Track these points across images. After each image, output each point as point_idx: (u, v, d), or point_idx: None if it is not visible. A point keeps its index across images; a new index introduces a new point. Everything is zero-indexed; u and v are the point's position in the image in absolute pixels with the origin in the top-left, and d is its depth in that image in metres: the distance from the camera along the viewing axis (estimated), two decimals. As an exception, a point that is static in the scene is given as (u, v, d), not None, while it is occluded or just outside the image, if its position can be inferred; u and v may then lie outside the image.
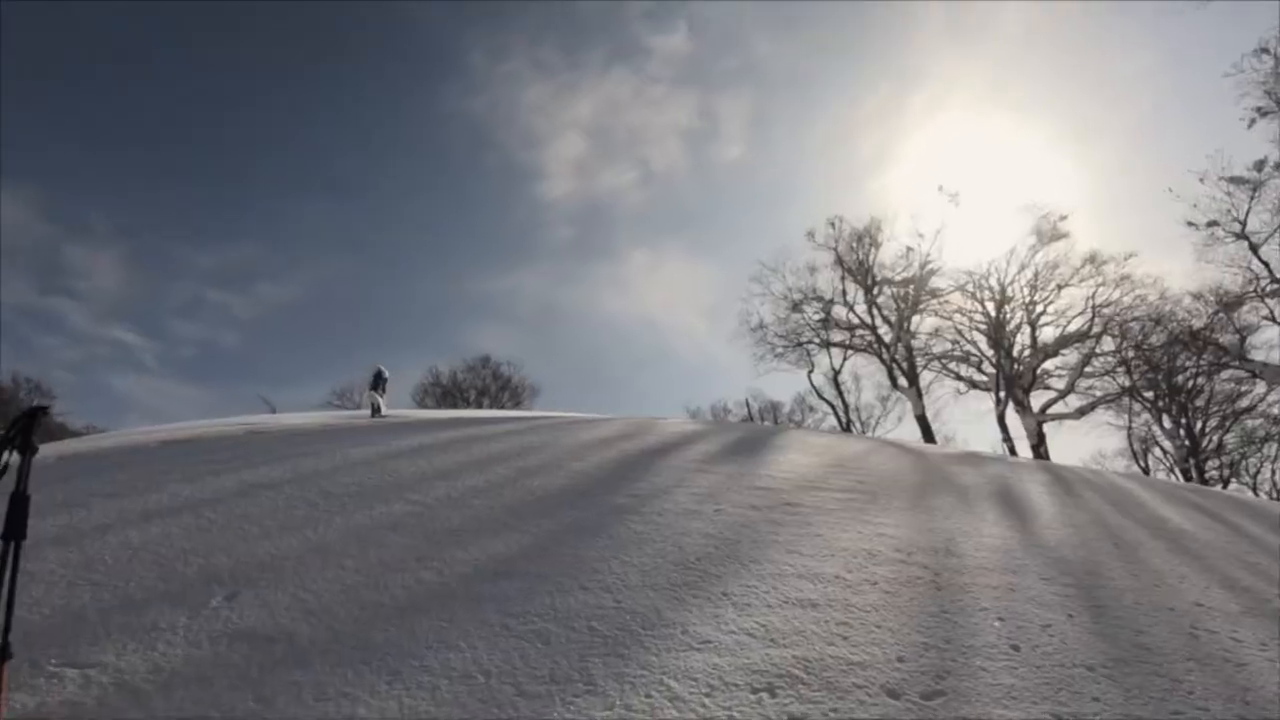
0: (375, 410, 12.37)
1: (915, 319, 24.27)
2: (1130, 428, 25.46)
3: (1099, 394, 21.38)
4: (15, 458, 1.95)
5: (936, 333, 24.48)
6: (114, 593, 2.59)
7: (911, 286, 23.62)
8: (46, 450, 3.80)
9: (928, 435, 22.55)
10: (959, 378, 24.70)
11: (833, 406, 27.93)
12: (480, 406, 31.52)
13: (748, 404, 30.46)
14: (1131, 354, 20.75)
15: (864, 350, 26.52)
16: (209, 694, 2.00)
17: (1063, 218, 21.66)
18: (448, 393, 35.27)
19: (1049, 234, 21.67)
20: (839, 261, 25.75)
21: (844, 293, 25.91)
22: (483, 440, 5.61)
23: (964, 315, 23.87)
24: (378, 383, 15.53)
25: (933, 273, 23.32)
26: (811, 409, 33.87)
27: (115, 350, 55.24)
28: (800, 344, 26.93)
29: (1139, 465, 26.14)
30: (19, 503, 1.96)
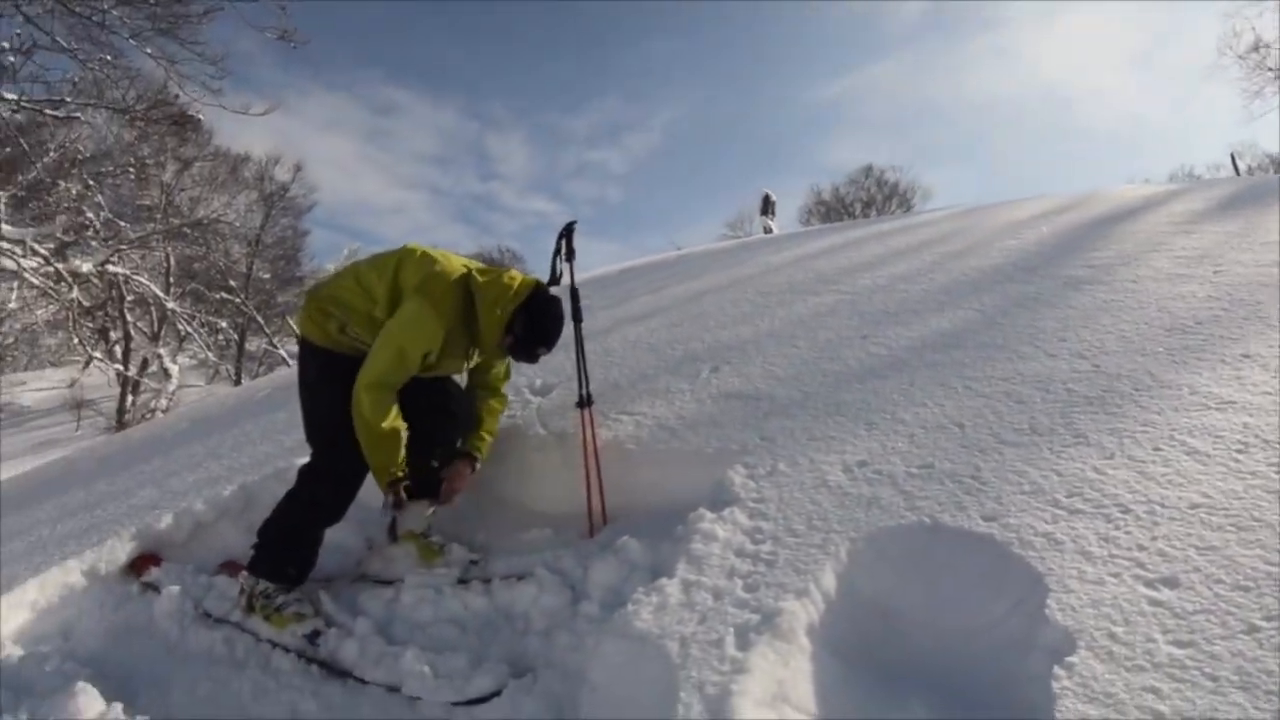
0: (767, 234, 12.92)
1: None
2: None
3: None
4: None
5: None
6: (631, 369, 3.37)
7: None
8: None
9: None
10: None
11: (1395, 142, 19.15)
12: (867, 218, 30.24)
13: (1233, 159, 22.44)
14: None
15: None
16: (723, 432, 2.53)
17: None
18: (831, 209, 34.55)
19: None
20: None
21: None
22: (895, 234, 5.43)
23: None
24: (766, 207, 16.09)
25: None
26: (1347, 155, 23.66)
27: (538, 218, 68.59)
28: (1333, 58, 18.71)
29: None
30: (575, 296, 2.64)
